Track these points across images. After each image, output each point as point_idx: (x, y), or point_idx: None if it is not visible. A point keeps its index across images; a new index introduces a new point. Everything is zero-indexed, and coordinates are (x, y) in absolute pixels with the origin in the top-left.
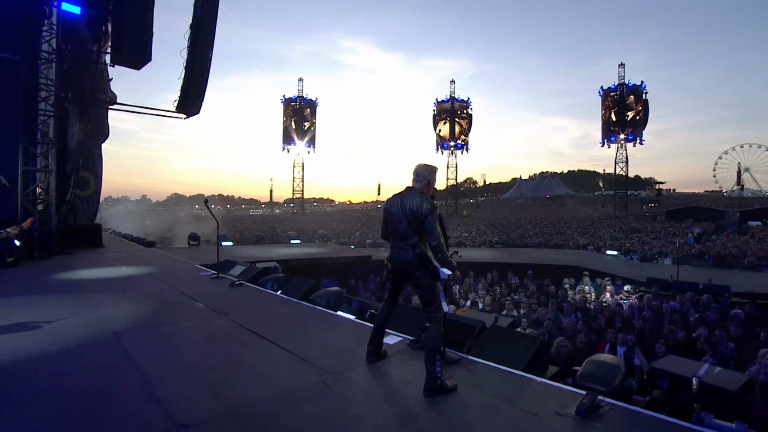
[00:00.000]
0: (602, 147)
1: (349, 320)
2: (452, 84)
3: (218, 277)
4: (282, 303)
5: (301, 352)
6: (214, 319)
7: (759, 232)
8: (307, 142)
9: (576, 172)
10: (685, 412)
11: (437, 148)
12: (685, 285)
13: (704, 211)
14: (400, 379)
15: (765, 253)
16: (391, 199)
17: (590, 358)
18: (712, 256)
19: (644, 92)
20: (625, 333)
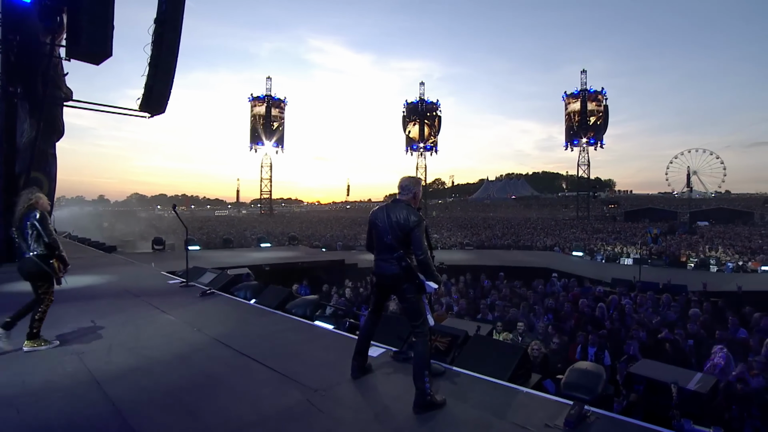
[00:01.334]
0: (566, 150)
1: (328, 331)
2: (422, 86)
3: (187, 286)
4: (257, 313)
5: (282, 368)
6: (186, 333)
7: (707, 231)
8: (276, 142)
9: (540, 173)
10: (662, 416)
11: (407, 150)
12: (647, 285)
13: (659, 212)
14: (388, 395)
15: (714, 253)
16: (376, 211)
17: (572, 366)
18: (667, 256)
19: (604, 98)
20: (595, 334)
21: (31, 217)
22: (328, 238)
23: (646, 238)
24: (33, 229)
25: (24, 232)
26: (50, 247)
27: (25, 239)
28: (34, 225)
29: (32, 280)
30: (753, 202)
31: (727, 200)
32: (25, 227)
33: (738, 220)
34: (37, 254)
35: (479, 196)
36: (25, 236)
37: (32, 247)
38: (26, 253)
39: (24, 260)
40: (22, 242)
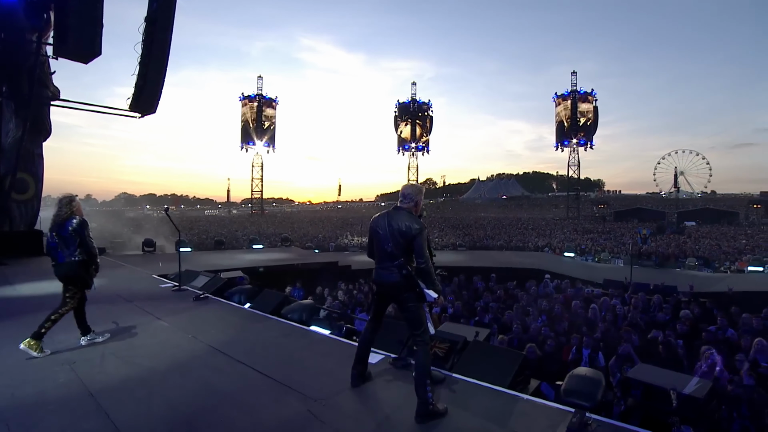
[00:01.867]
0: (556, 150)
1: (326, 337)
2: (413, 86)
3: (180, 290)
4: (252, 319)
5: (281, 376)
6: (181, 340)
7: (694, 231)
8: (267, 141)
9: (531, 173)
10: (659, 421)
11: (398, 150)
12: (638, 286)
13: (647, 212)
14: (389, 404)
15: (702, 253)
16: (377, 219)
17: (572, 372)
18: (657, 256)
19: (594, 99)
20: (589, 336)
21: (72, 224)
22: (321, 239)
23: (636, 238)
24: (76, 236)
25: (66, 238)
26: (91, 255)
27: (67, 245)
28: (77, 232)
29: (68, 283)
30: (737, 203)
31: (713, 200)
32: (66, 233)
33: (723, 220)
34: (79, 260)
35: (470, 196)
36: (68, 242)
37: (75, 252)
38: (65, 258)
39: (63, 264)
40: (64, 248)
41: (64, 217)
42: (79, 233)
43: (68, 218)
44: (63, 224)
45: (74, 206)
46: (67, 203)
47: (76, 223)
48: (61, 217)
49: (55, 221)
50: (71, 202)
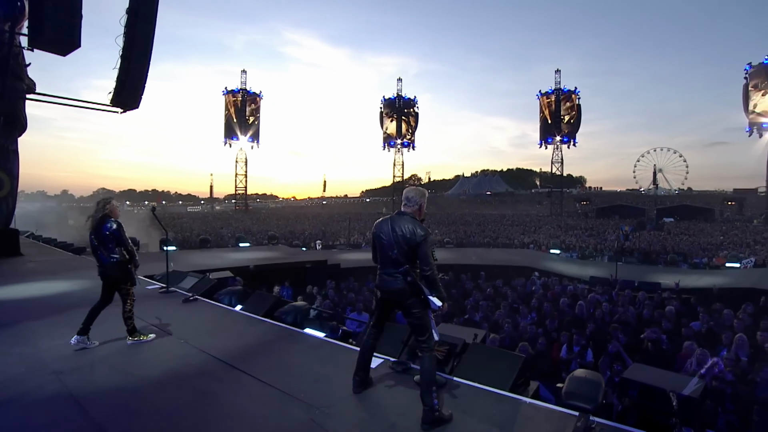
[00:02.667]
0: (540, 147)
1: (323, 340)
2: (399, 82)
3: (168, 292)
4: (245, 322)
5: (280, 383)
6: (172, 345)
7: (672, 228)
8: (251, 136)
9: (515, 170)
10: (655, 422)
11: (384, 146)
12: (624, 283)
13: (628, 209)
14: (393, 410)
15: (681, 249)
16: (381, 224)
17: (572, 374)
18: (639, 253)
19: (577, 97)
20: (579, 334)
21: (108, 227)
22: (307, 237)
23: (620, 235)
24: (114, 238)
25: (104, 240)
26: (130, 254)
27: (106, 246)
28: (114, 234)
29: (115, 282)
30: (713, 200)
31: (690, 197)
32: (104, 235)
33: (700, 216)
34: (119, 260)
35: (455, 192)
36: (106, 243)
37: (114, 253)
38: (107, 259)
39: (107, 265)
40: (103, 249)
41: (100, 220)
42: (115, 235)
43: (104, 221)
44: (100, 227)
45: (109, 209)
46: (103, 206)
47: (112, 225)
48: (96, 220)
49: (93, 224)
50: (106, 205)
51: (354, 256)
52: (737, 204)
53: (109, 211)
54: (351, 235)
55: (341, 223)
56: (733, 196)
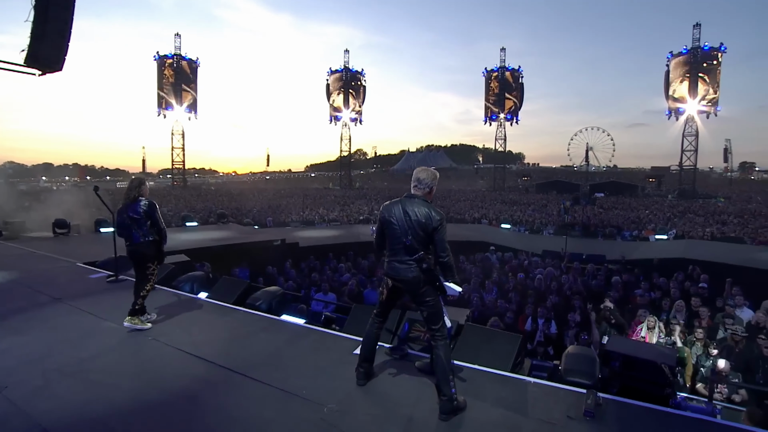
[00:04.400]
0: (485, 124)
1: (305, 328)
2: (346, 54)
3: (117, 280)
4: (215, 311)
5: (275, 380)
6: (140, 344)
7: (604, 202)
8: (188, 107)
9: (458, 146)
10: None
11: (331, 119)
12: (573, 256)
13: (565, 184)
14: (405, 402)
15: (616, 222)
16: (390, 207)
17: (567, 352)
18: (580, 226)
19: (521, 76)
20: (542, 306)
21: (141, 206)
22: (256, 214)
23: (560, 209)
24: (147, 217)
25: (138, 220)
26: (162, 234)
27: (139, 226)
28: (148, 213)
29: (145, 261)
30: (635, 176)
31: (616, 174)
32: (138, 214)
33: (626, 192)
34: (152, 239)
35: (401, 167)
36: (140, 223)
37: (147, 232)
38: (139, 238)
39: (139, 244)
40: (137, 228)
41: (133, 199)
42: (150, 215)
43: (137, 200)
44: (134, 206)
45: (143, 189)
46: (137, 186)
47: (146, 205)
48: (130, 199)
49: (126, 203)
50: (140, 185)
51: (311, 233)
52: (656, 181)
53: (142, 191)
54: (304, 211)
55: (289, 199)
56: (652, 174)
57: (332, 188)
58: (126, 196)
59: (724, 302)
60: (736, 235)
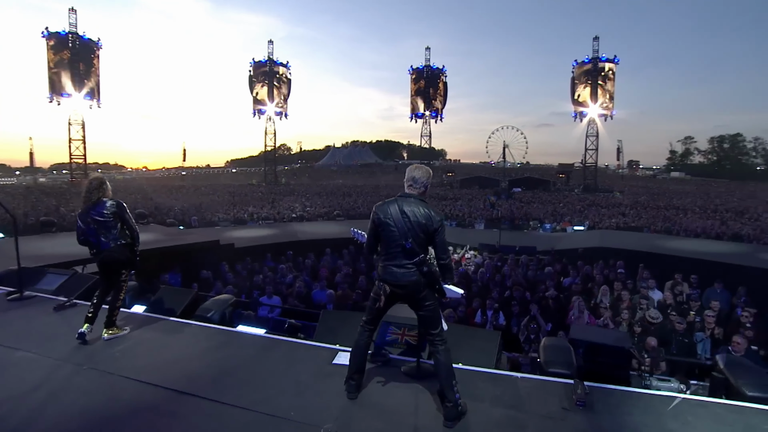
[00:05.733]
0: (411, 121)
1: (270, 339)
2: (270, 44)
3: (22, 297)
4: (160, 328)
5: (256, 403)
6: (74, 376)
7: (522, 196)
8: (88, 93)
9: (383, 141)
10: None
11: (254, 113)
12: (506, 248)
13: (486, 180)
14: (403, 411)
15: (537, 215)
16: (384, 208)
17: (542, 344)
18: (507, 220)
19: (444, 75)
20: (489, 298)
21: (108, 207)
22: (178, 213)
23: (486, 204)
24: (116, 219)
25: (105, 223)
26: (135, 235)
27: (108, 230)
28: (118, 215)
29: (118, 268)
30: (546, 172)
31: (529, 170)
32: (104, 217)
33: (540, 187)
34: (124, 243)
35: (326, 162)
36: (108, 227)
37: (118, 236)
38: (109, 244)
39: (110, 250)
40: (105, 233)
41: (96, 201)
42: (119, 216)
43: (101, 201)
44: (97, 208)
45: (105, 189)
46: (97, 186)
47: (114, 206)
48: (92, 201)
49: (87, 206)
50: (102, 185)
51: (245, 233)
52: (566, 176)
53: (105, 191)
54: (232, 209)
55: (212, 197)
56: (562, 170)
57: (257, 185)
58: (86, 198)
59: (638, 285)
60: (636, 224)
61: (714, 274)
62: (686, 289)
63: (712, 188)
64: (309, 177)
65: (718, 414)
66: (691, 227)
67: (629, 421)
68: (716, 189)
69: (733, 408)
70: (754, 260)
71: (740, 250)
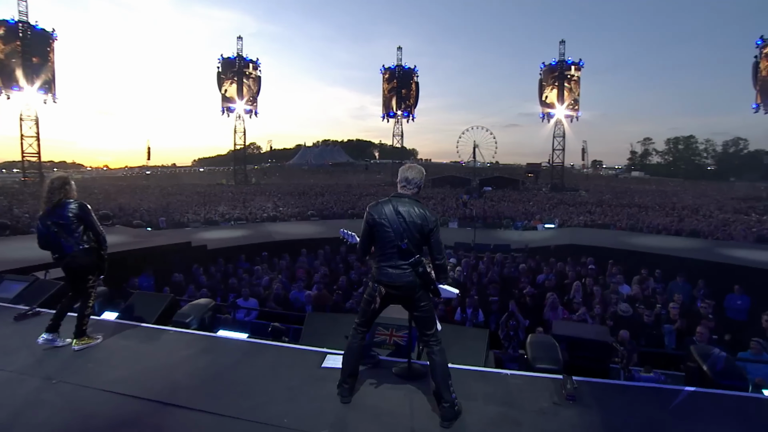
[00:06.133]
0: (383, 120)
1: (252, 343)
2: (239, 41)
3: None
4: (135, 335)
5: (246, 411)
6: (43, 392)
7: (493, 195)
8: (42, 87)
9: (355, 141)
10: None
11: (223, 111)
12: (481, 247)
13: (458, 179)
14: (399, 413)
15: (509, 214)
16: (378, 209)
17: (529, 341)
18: (481, 219)
19: (416, 75)
20: (468, 296)
21: (70, 209)
22: (145, 214)
23: (459, 203)
24: (79, 221)
25: (67, 226)
26: (101, 239)
27: (70, 233)
28: (80, 217)
29: (84, 274)
30: (515, 171)
31: (499, 169)
32: (66, 219)
33: (509, 186)
34: (88, 247)
35: (297, 161)
36: (70, 230)
37: (81, 240)
38: (72, 248)
39: (73, 254)
40: (66, 236)
41: (57, 203)
42: (82, 218)
43: (63, 203)
44: (59, 211)
45: (68, 190)
46: (60, 186)
47: (77, 207)
48: (53, 203)
49: (48, 208)
50: (65, 185)
51: (217, 234)
52: (535, 176)
53: (68, 192)
54: (203, 210)
55: (179, 197)
56: (530, 169)
57: (226, 184)
58: (47, 200)
59: (608, 280)
60: (602, 222)
61: (676, 268)
62: (652, 283)
63: (669, 187)
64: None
65: (696, 402)
66: (653, 224)
67: (618, 413)
68: (673, 188)
69: (711, 396)
70: (711, 255)
71: (698, 245)
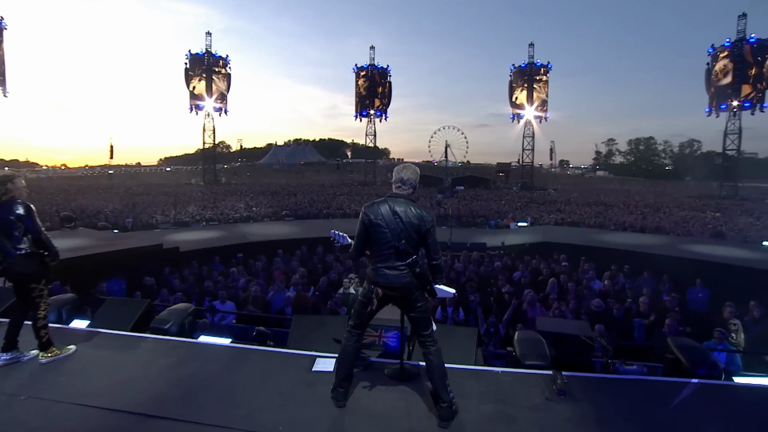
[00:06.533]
0: (356, 120)
1: (236, 348)
2: (208, 36)
3: None
4: (110, 344)
5: (238, 420)
6: (19, 411)
7: (466, 194)
8: None
9: (327, 140)
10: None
11: (191, 108)
12: (458, 245)
13: (431, 178)
14: (396, 415)
15: (482, 213)
16: (374, 209)
17: (516, 338)
18: (456, 218)
19: (389, 74)
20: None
21: (14, 210)
22: (110, 215)
23: (433, 202)
24: (20, 223)
25: (8, 228)
26: (42, 244)
27: (8, 236)
28: (21, 219)
29: (27, 282)
30: (486, 171)
31: (470, 169)
32: (8, 222)
33: (481, 185)
34: (27, 252)
35: (268, 161)
36: (10, 232)
37: (20, 244)
38: (12, 252)
39: (12, 260)
40: (6, 239)
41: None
42: (23, 220)
43: (8, 204)
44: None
45: (12, 188)
46: (4, 185)
47: (20, 209)
48: None
49: None
50: (7, 183)
51: (189, 236)
52: (505, 175)
53: (13, 191)
54: (175, 210)
55: (145, 197)
56: (499, 169)
57: (195, 184)
58: None
59: (580, 276)
60: (572, 220)
61: (642, 263)
62: (622, 278)
63: (631, 186)
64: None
65: (677, 392)
66: (620, 222)
67: (607, 405)
68: (635, 187)
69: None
70: (674, 250)
71: (662, 241)
